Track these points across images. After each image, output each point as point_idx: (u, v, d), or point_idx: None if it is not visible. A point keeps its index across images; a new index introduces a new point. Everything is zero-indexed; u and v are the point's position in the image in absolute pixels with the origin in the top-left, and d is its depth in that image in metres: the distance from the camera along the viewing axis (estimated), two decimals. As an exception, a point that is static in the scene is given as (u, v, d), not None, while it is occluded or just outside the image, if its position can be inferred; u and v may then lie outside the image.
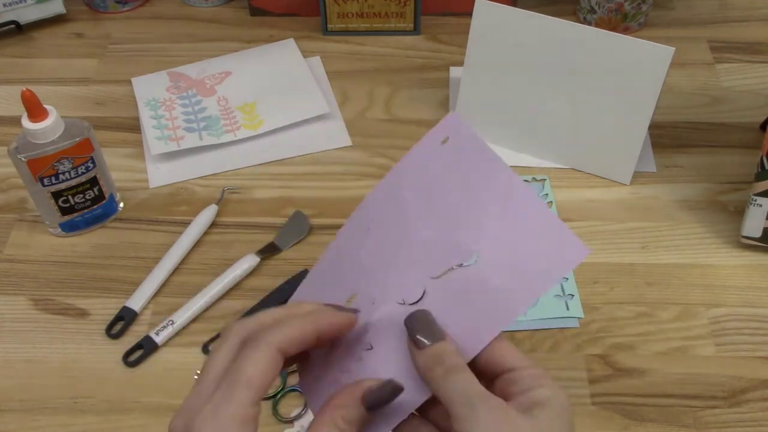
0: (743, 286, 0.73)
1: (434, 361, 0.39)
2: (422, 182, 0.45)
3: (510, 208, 0.42)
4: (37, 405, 0.66)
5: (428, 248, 0.43)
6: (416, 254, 0.43)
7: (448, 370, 0.39)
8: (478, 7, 0.80)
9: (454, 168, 0.44)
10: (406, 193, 0.45)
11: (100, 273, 0.76)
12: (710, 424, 0.63)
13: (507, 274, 0.41)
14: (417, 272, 0.43)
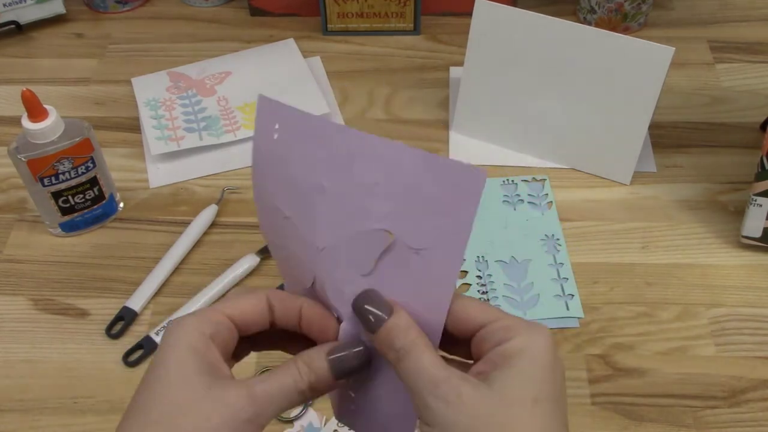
0: (743, 286, 0.73)
1: (386, 344, 0.38)
2: (284, 185, 0.41)
3: (385, 170, 0.39)
4: (37, 405, 0.66)
5: (342, 251, 0.41)
6: (335, 262, 0.41)
7: (399, 356, 0.37)
8: (478, 7, 0.80)
9: (303, 157, 0.40)
10: (280, 204, 0.42)
11: (100, 273, 0.76)
12: (710, 424, 0.63)
13: (426, 233, 0.39)
14: (348, 277, 0.41)
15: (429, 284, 0.39)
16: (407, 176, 0.38)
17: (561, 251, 0.76)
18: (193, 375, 0.37)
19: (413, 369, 0.37)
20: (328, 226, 0.41)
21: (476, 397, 0.35)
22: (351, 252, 0.40)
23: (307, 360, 0.39)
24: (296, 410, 0.65)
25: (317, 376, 0.39)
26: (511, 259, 0.75)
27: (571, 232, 0.78)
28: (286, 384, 0.38)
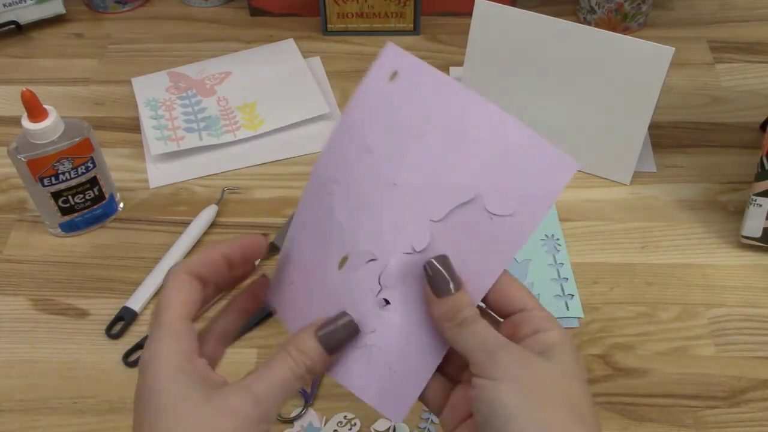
0: (743, 286, 0.73)
1: (453, 311, 0.40)
2: (384, 126, 0.43)
3: (491, 136, 0.41)
4: (37, 405, 0.66)
5: (420, 192, 0.42)
6: (408, 200, 0.42)
7: (465, 320, 0.39)
8: (478, 7, 0.80)
9: (415, 105, 0.43)
10: (370, 141, 0.43)
11: (100, 273, 0.76)
12: (710, 424, 0.63)
13: (506, 203, 0.41)
14: (416, 218, 0.42)
15: (491, 250, 0.41)
16: (508, 147, 0.41)
17: (561, 251, 0.76)
18: (191, 394, 0.37)
19: (479, 331, 0.39)
20: (415, 167, 0.42)
21: (542, 363, 0.38)
22: (430, 195, 0.42)
23: (297, 344, 0.40)
24: (296, 410, 0.65)
25: (311, 358, 0.40)
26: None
27: (571, 232, 0.78)
28: (284, 375, 0.39)
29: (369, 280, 0.42)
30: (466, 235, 0.41)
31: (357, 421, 0.64)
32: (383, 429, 0.63)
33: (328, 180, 0.44)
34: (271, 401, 0.38)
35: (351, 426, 0.63)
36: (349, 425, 0.63)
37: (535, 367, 0.38)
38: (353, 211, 0.43)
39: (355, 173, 0.43)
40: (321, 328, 0.41)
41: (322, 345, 0.40)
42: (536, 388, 0.37)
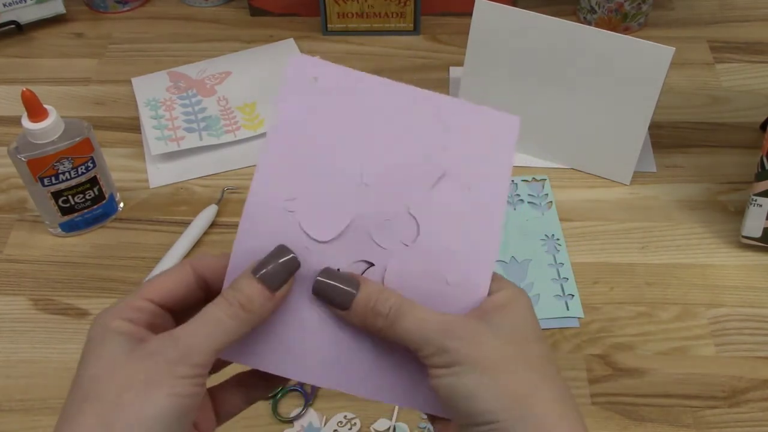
0: (743, 286, 0.73)
1: (370, 310, 0.39)
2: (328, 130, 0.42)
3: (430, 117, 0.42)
4: (37, 405, 0.66)
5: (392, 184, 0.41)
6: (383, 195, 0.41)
7: (391, 318, 0.38)
8: (478, 7, 0.80)
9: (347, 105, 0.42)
10: (320, 146, 0.41)
11: (100, 273, 0.76)
12: (710, 424, 0.63)
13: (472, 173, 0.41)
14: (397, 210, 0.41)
15: (478, 219, 0.41)
16: (449, 120, 0.41)
17: (561, 251, 0.76)
18: (114, 348, 0.36)
19: (414, 323, 0.38)
20: (376, 162, 0.41)
21: (491, 333, 0.38)
22: (401, 185, 0.41)
23: (233, 284, 0.38)
24: (296, 410, 0.65)
25: (246, 294, 0.38)
26: (511, 259, 0.75)
27: (571, 232, 0.78)
28: (211, 314, 0.37)
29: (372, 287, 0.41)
30: (449, 215, 0.41)
31: (357, 421, 0.64)
32: (383, 429, 0.63)
33: (280, 201, 0.41)
34: (195, 339, 0.36)
35: (351, 426, 0.63)
36: (349, 425, 0.63)
37: (484, 340, 0.37)
38: (327, 222, 0.41)
39: (314, 183, 0.41)
40: (258, 267, 0.39)
41: (260, 281, 0.38)
42: (491, 360, 0.37)
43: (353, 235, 0.41)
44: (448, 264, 0.41)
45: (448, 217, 0.41)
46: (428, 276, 0.41)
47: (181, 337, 0.36)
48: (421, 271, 0.41)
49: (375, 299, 0.39)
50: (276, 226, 0.41)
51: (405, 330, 0.38)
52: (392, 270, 0.41)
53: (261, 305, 0.38)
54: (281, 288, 0.39)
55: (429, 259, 0.41)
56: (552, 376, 0.38)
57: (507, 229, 0.78)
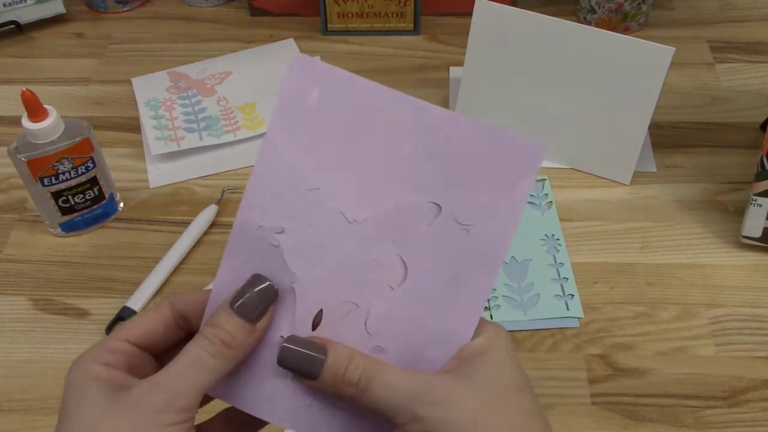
0: (743, 286, 0.73)
1: (340, 382, 0.37)
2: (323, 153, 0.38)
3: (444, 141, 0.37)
4: (37, 405, 0.66)
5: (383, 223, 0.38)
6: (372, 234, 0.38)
7: (362, 386, 0.36)
8: (478, 7, 0.80)
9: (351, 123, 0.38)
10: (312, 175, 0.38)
11: (100, 273, 0.76)
12: (710, 424, 0.63)
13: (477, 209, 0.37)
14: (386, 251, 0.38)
15: (474, 263, 0.38)
16: (465, 147, 0.37)
17: (561, 251, 0.76)
18: (94, 397, 0.35)
19: (385, 391, 0.36)
20: (370, 196, 0.38)
21: (467, 391, 0.36)
22: (394, 223, 0.38)
23: (210, 321, 0.37)
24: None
25: (227, 330, 0.36)
26: (511, 259, 0.75)
27: (571, 232, 0.78)
28: (193, 355, 0.36)
29: (354, 332, 0.39)
30: (444, 254, 0.38)
31: (357, 421, 0.64)
32: (383, 429, 0.63)
33: (267, 230, 0.39)
34: (178, 383, 0.35)
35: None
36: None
37: (460, 402, 0.35)
38: (314, 259, 0.39)
39: (303, 216, 0.38)
40: (235, 299, 0.37)
41: (238, 315, 0.37)
42: (469, 424, 0.35)
43: (340, 273, 0.39)
44: (433, 311, 0.39)
45: (439, 261, 0.38)
46: (411, 322, 0.39)
47: (163, 382, 0.35)
48: (404, 315, 0.39)
49: (345, 366, 0.37)
50: (260, 261, 0.39)
51: (376, 398, 0.36)
52: (376, 313, 0.39)
53: (242, 340, 0.37)
54: (261, 319, 0.37)
55: (414, 305, 0.39)
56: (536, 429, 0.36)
57: (507, 229, 0.78)
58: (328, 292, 0.39)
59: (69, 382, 0.36)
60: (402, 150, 0.38)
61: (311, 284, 0.39)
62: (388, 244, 0.39)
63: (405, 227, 0.38)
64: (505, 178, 0.37)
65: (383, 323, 0.39)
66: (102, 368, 0.36)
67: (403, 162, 0.38)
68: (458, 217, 0.38)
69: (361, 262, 0.39)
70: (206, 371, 0.36)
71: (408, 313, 0.39)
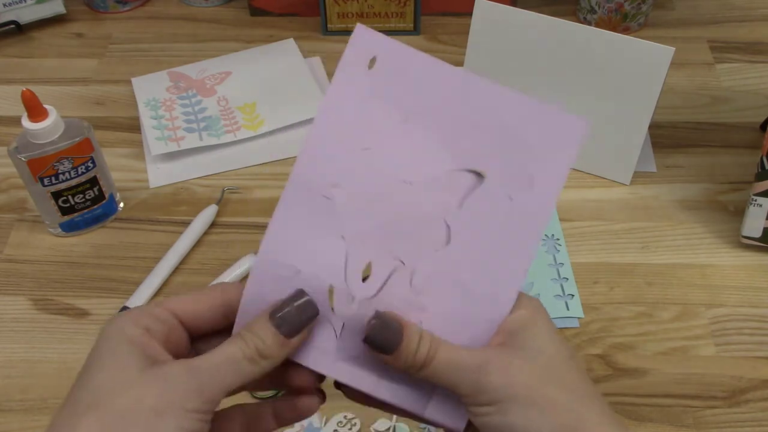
0: (743, 286, 0.73)
1: (413, 357, 0.38)
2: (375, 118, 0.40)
3: (490, 112, 0.39)
4: (37, 405, 0.66)
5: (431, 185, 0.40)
6: (420, 196, 0.40)
7: (427, 359, 0.38)
8: (478, 7, 0.80)
9: (403, 91, 0.40)
10: (365, 137, 0.40)
11: (100, 273, 0.76)
12: (710, 424, 0.63)
13: (521, 178, 0.39)
14: (433, 213, 0.40)
15: (517, 232, 0.40)
16: (510, 119, 0.39)
17: (561, 251, 0.76)
18: (126, 359, 0.36)
19: (448, 362, 0.38)
20: (420, 159, 0.40)
21: (524, 361, 0.38)
22: (441, 187, 0.40)
23: (250, 326, 0.38)
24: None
25: (263, 339, 0.37)
26: (511, 259, 0.75)
27: (571, 232, 0.78)
28: (232, 352, 0.37)
29: (401, 289, 0.41)
30: (487, 221, 0.40)
31: (357, 421, 0.64)
32: (383, 429, 0.63)
33: (322, 184, 0.40)
34: (210, 376, 0.36)
35: (351, 426, 0.63)
36: (349, 425, 0.63)
37: (520, 371, 0.37)
38: (364, 214, 0.40)
39: (356, 174, 0.40)
40: (275, 311, 0.38)
41: (275, 326, 0.38)
42: (532, 392, 0.37)
43: (388, 231, 0.40)
44: (475, 275, 0.40)
45: (483, 227, 0.40)
46: (454, 284, 0.41)
47: (200, 367, 0.36)
48: (447, 277, 0.40)
49: (416, 345, 0.38)
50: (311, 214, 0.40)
51: (439, 371, 0.38)
52: (421, 272, 0.41)
53: (274, 352, 0.38)
54: (298, 336, 0.38)
55: (457, 268, 0.40)
56: (592, 394, 0.38)
57: (507, 229, 0.78)
58: (376, 247, 0.40)
59: (104, 336, 0.37)
60: (450, 119, 0.40)
61: (360, 237, 0.40)
62: (435, 206, 0.40)
63: (451, 193, 0.40)
64: (548, 150, 0.39)
65: (427, 282, 0.40)
66: (140, 333, 0.37)
67: (451, 130, 0.40)
68: (502, 186, 0.40)
69: (408, 222, 0.40)
70: (238, 373, 0.37)
71: (451, 275, 0.40)
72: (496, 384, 0.37)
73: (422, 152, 0.40)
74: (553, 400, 0.37)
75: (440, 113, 0.40)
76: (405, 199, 0.40)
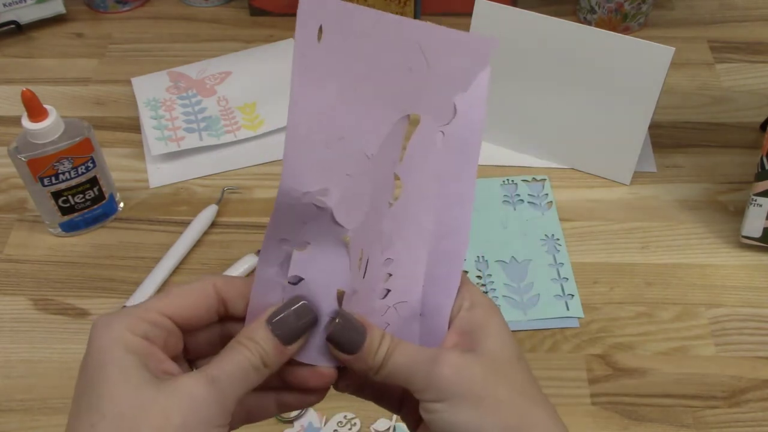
0: (743, 286, 0.73)
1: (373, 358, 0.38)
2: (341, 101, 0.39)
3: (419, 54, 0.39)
4: (37, 405, 0.66)
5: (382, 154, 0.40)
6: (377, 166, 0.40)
7: (385, 359, 0.38)
8: (478, 7, 0.80)
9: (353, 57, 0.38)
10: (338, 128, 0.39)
11: (100, 273, 0.76)
12: (710, 424, 0.63)
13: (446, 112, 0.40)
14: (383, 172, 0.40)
15: (455, 159, 0.40)
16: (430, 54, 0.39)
17: (561, 251, 0.76)
18: (136, 374, 0.33)
19: (404, 358, 0.38)
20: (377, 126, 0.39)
21: (475, 360, 0.38)
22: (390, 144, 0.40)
23: (248, 334, 0.36)
24: (296, 411, 0.65)
25: (264, 347, 0.36)
26: (511, 259, 0.75)
27: (571, 232, 0.78)
28: (240, 361, 0.36)
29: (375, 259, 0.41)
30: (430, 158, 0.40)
31: (357, 421, 0.64)
32: (383, 429, 0.63)
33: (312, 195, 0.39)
34: (228, 385, 0.35)
35: (351, 426, 0.63)
36: (349, 425, 0.63)
37: (472, 371, 0.37)
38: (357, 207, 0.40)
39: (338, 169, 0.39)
40: (272, 317, 0.37)
41: (274, 334, 0.37)
42: (482, 391, 0.37)
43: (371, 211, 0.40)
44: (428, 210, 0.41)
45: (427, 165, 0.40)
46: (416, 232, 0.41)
47: (217, 379, 0.34)
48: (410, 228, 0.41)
49: (377, 346, 0.38)
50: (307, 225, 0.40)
51: (395, 370, 0.38)
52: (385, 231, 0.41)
53: (279, 359, 0.37)
54: (295, 344, 0.38)
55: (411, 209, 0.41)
56: (539, 397, 0.38)
57: (507, 228, 0.78)
58: (365, 233, 0.40)
59: (99, 346, 0.34)
60: (391, 71, 0.39)
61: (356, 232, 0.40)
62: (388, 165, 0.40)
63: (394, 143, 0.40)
64: (464, 75, 0.40)
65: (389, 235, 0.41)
66: (140, 342, 0.35)
67: (393, 83, 0.39)
68: (434, 122, 0.40)
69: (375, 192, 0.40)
70: (248, 382, 0.36)
71: (410, 219, 0.41)
72: (447, 378, 0.36)
73: (379, 117, 0.39)
74: (501, 400, 0.37)
75: (383, 68, 0.39)
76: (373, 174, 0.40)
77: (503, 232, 0.77)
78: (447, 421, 0.37)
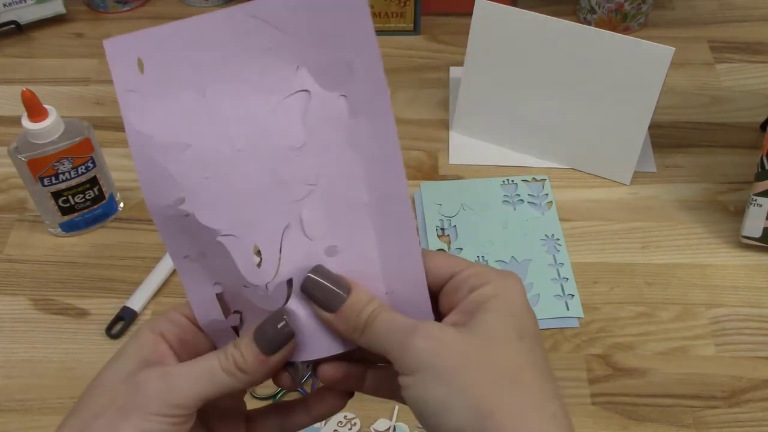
0: (743, 286, 0.73)
1: (355, 319, 0.37)
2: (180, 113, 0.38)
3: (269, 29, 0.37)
4: (37, 405, 0.66)
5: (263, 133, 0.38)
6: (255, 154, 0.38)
7: (368, 322, 0.37)
8: (478, 7, 0.80)
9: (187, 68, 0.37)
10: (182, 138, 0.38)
11: (100, 273, 0.76)
12: (710, 424, 0.63)
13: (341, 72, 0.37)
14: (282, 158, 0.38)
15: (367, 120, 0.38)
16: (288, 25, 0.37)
17: (561, 251, 0.76)
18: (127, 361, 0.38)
19: (385, 324, 0.37)
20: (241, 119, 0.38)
21: (460, 337, 0.35)
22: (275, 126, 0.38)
23: (235, 341, 0.38)
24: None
25: (243, 354, 0.37)
26: (511, 259, 0.75)
27: (571, 232, 0.78)
28: (208, 363, 0.38)
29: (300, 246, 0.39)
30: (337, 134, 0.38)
31: (357, 421, 0.64)
32: (383, 429, 0.63)
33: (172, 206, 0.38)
34: (182, 382, 0.37)
35: (351, 426, 0.63)
36: (349, 425, 0.63)
37: (451, 344, 0.34)
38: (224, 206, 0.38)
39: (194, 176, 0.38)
40: (257, 327, 0.38)
41: (255, 341, 0.37)
42: (459, 367, 0.34)
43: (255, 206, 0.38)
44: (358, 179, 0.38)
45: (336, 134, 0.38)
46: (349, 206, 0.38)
47: (172, 375, 0.37)
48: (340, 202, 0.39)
49: (362, 307, 0.37)
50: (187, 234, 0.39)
51: (375, 335, 0.37)
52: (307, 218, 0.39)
53: (253, 367, 0.37)
54: (276, 354, 0.38)
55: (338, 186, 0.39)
56: (528, 381, 0.34)
57: (507, 229, 0.78)
58: (257, 228, 0.38)
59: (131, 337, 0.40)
60: (247, 60, 0.38)
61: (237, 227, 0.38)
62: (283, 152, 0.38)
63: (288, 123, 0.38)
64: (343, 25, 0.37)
65: (320, 222, 0.39)
66: (152, 336, 0.39)
67: (250, 69, 0.38)
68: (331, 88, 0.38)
69: (265, 183, 0.38)
70: (213, 382, 0.37)
71: (339, 199, 0.39)
72: (421, 349, 0.34)
73: (238, 110, 0.38)
74: (478, 380, 0.34)
75: (236, 61, 0.37)
76: (251, 165, 0.38)
77: (503, 232, 0.77)
78: (415, 397, 0.35)
